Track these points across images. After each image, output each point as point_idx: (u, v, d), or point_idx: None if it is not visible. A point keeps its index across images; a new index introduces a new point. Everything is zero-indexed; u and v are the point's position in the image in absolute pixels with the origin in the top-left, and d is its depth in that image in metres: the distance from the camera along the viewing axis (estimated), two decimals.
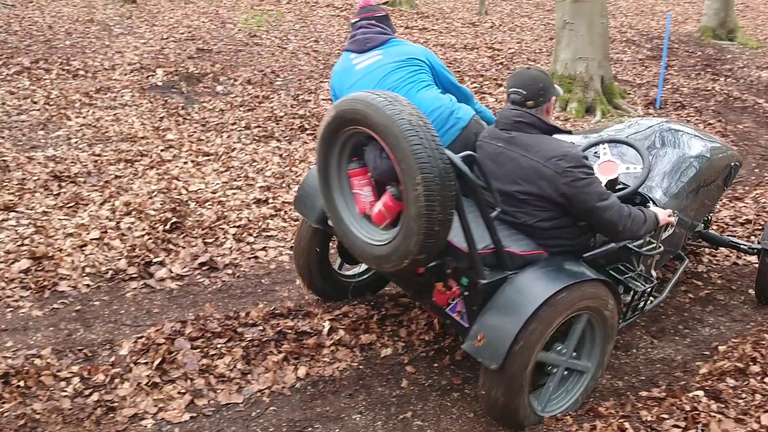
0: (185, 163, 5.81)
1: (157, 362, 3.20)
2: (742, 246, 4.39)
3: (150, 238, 4.45)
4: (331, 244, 3.79)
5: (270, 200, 5.22)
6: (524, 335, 2.64)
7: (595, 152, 3.62)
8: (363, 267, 3.95)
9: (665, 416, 2.93)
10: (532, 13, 16.37)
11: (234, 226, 4.79)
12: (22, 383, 3.01)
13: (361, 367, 3.40)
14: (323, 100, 7.75)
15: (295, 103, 7.63)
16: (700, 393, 3.09)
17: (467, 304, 2.86)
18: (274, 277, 4.28)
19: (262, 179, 5.61)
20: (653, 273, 3.57)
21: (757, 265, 4.27)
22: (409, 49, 3.55)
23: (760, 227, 5.33)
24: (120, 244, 4.38)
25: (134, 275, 4.13)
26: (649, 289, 3.35)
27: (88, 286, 3.98)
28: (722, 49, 12.55)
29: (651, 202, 3.52)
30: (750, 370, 3.28)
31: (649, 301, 3.52)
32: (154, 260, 4.27)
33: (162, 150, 6.02)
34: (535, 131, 2.92)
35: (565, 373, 3.03)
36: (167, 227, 4.60)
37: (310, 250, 3.71)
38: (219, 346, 3.39)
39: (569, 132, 3.42)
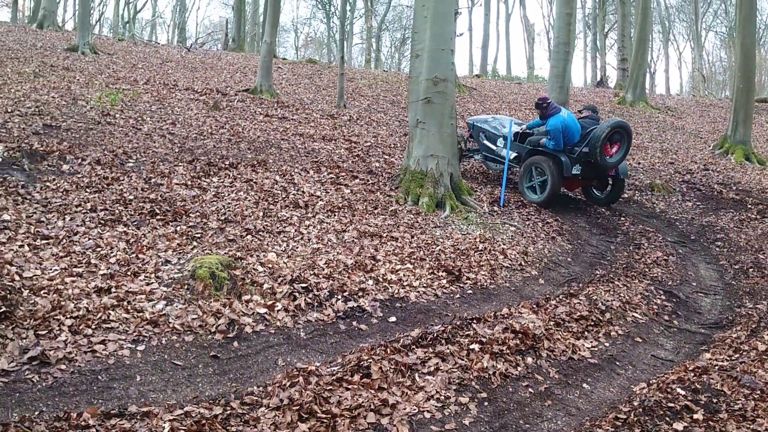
0: (21, 246, 5.42)
1: None
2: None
3: None
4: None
5: (113, 289, 4.94)
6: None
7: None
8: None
9: None
10: (388, 109, 17.16)
11: (71, 317, 4.48)
12: None
13: None
14: (177, 184, 7.59)
15: (147, 186, 7.40)
16: None
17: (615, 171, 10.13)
18: (113, 373, 4.01)
19: (106, 266, 5.33)
20: None
21: None
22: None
23: (593, 323, 5.74)
24: None
25: None
26: None
27: None
28: None
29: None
30: None
31: None
32: None
33: None
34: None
35: None
36: None
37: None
38: None
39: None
